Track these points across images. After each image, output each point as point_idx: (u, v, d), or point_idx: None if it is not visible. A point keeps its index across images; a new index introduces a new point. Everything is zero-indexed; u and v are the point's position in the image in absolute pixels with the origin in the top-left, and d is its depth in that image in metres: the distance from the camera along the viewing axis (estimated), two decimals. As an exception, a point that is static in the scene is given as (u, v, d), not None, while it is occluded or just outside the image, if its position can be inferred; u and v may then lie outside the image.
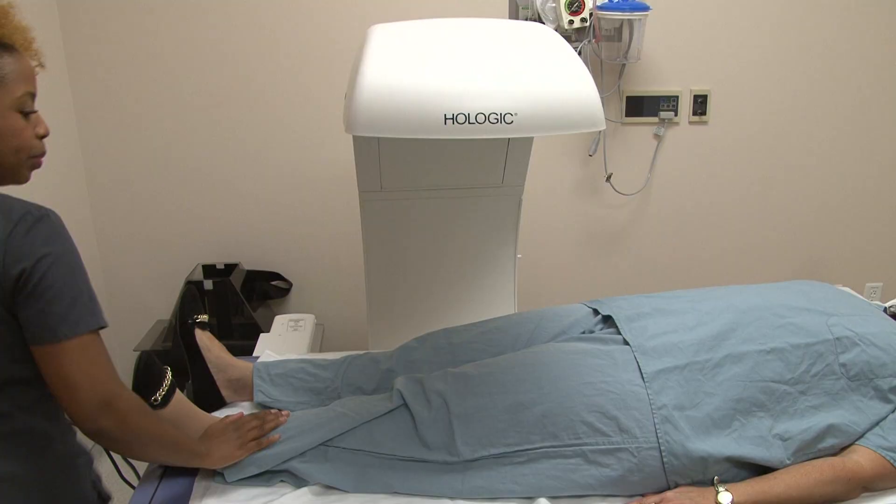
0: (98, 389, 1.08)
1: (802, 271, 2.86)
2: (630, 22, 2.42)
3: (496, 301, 2.10)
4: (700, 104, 2.66)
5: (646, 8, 2.38)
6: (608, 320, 1.60)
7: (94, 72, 2.44)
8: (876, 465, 1.34)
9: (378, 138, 1.70)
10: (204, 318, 1.64)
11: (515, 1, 2.44)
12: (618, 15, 2.38)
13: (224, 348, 1.65)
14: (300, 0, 2.44)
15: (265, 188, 2.63)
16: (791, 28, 2.60)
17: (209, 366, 1.59)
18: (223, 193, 2.63)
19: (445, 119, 1.10)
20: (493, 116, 1.11)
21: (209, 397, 1.59)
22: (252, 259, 2.70)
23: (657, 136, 2.68)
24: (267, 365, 1.64)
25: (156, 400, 1.37)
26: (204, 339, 1.61)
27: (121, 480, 2.05)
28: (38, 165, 1.16)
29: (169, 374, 1.42)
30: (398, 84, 1.13)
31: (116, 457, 2.02)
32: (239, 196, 2.64)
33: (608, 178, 2.67)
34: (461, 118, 1.10)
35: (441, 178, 1.93)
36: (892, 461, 1.34)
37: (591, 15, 2.39)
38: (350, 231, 2.64)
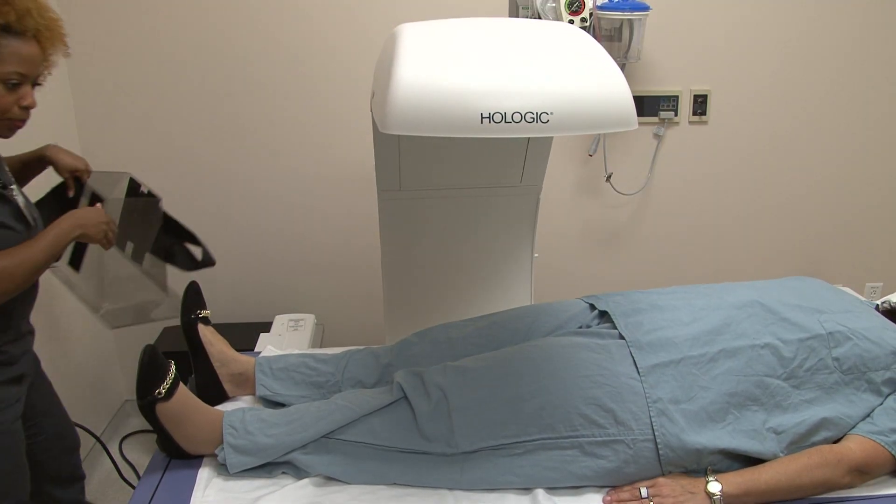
0: None
1: (802, 271, 2.86)
2: (630, 22, 2.43)
3: (513, 300, 2.08)
4: (700, 104, 2.68)
5: (646, 8, 2.40)
6: (604, 315, 1.62)
7: (94, 64, 2.45)
8: (866, 448, 1.36)
9: (399, 137, 1.68)
10: (207, 313, 1.67)
11: (515, 1, 2.45)
12: (618, 15, 2.40)
13: (227, 343, 1.68)
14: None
15: (266, 184, 2.63)
16: (791, 28, 2.62)
17: (212, 360, 1.62)
18: (221, 186, 2.62)
19: (482, 118, 1.08)
20: (529, 115, 1.09)
21: (212, 391, 1.61)
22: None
23: (657, 136, 2.70)
24: (268, 359, 1.66)
25: (160, 393, 1.39)
26: (207, 334, 1.64)
27: (120, 480, 2.09)
28: (16, 127, 1.37)
29: (173, 367, 1.44)
30: (434, 82, 1.11)
31: (116, 455, 2.06)
32: (238, 189, 2.63)
33: (608, 178, 2.69)
34: (497, 117, 1.08)
35: (460, 177, 1.92)
36: (881, 443, 1.36)
37: (591, 15, 2.40)
38: (353, 231, 2.66)
